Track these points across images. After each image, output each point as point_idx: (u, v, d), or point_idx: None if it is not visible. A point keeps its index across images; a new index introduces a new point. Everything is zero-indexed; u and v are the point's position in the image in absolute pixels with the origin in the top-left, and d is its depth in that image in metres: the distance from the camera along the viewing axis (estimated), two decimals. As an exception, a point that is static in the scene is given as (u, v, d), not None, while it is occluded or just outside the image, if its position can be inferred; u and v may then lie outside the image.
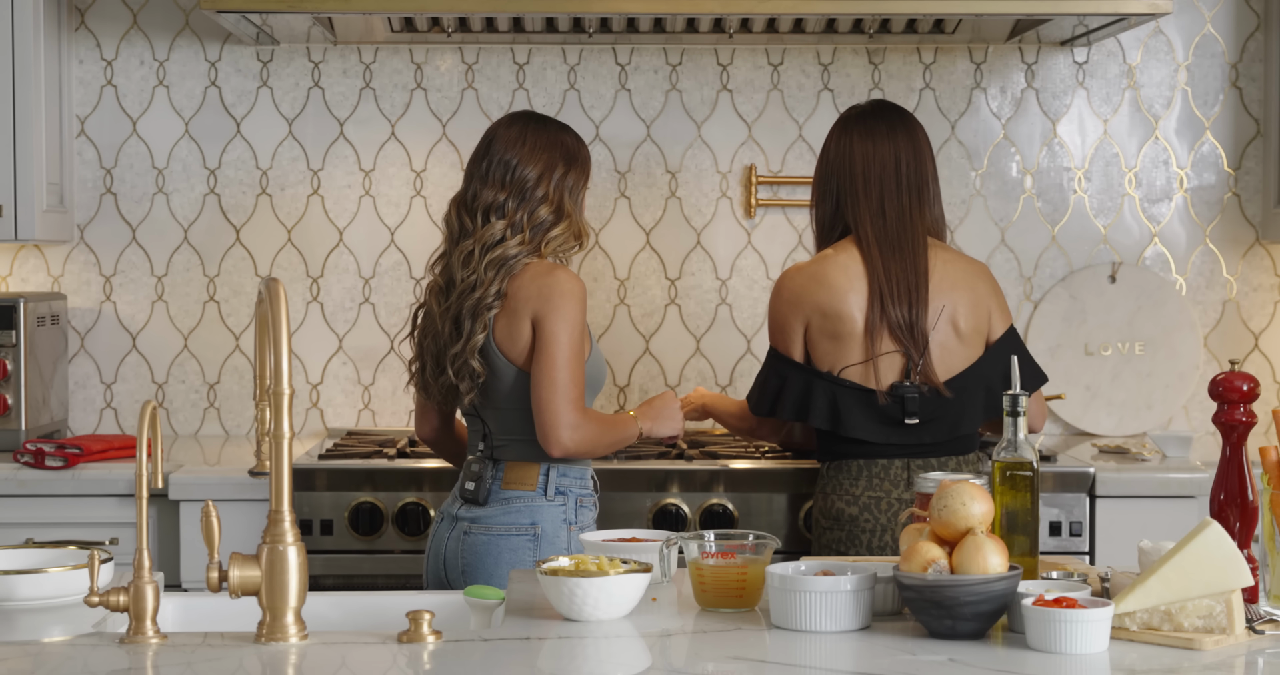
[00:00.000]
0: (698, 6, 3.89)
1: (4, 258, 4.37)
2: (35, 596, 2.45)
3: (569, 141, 3.32)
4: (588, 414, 3.20)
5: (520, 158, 3.27)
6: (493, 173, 3.28)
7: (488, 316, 3.21)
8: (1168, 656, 2.18)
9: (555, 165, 3.28)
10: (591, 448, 3.22)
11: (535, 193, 3.26)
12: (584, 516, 3.28)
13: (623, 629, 2.35)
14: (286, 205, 4.41)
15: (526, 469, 3.24)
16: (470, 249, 3.24)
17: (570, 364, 3.17)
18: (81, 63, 4.37)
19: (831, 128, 3.53)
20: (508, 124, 3.32)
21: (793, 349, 3.48)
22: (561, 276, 3.22)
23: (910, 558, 2.29)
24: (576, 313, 3.20)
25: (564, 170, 3.29)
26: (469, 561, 3.22)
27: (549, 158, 3.29)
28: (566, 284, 3.21)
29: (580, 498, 3.28)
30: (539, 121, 3.33)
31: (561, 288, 3.20)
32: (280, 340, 2.28)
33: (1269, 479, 2.48)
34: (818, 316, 3.43)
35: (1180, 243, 4.46)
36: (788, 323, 3.48)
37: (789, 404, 3.47)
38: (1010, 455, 2.44)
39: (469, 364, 3.22)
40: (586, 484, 3.30)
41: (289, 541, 2.27)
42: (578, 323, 3.20)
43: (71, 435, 4.33)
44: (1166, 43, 4.44)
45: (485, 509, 3.24)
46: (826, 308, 3.42)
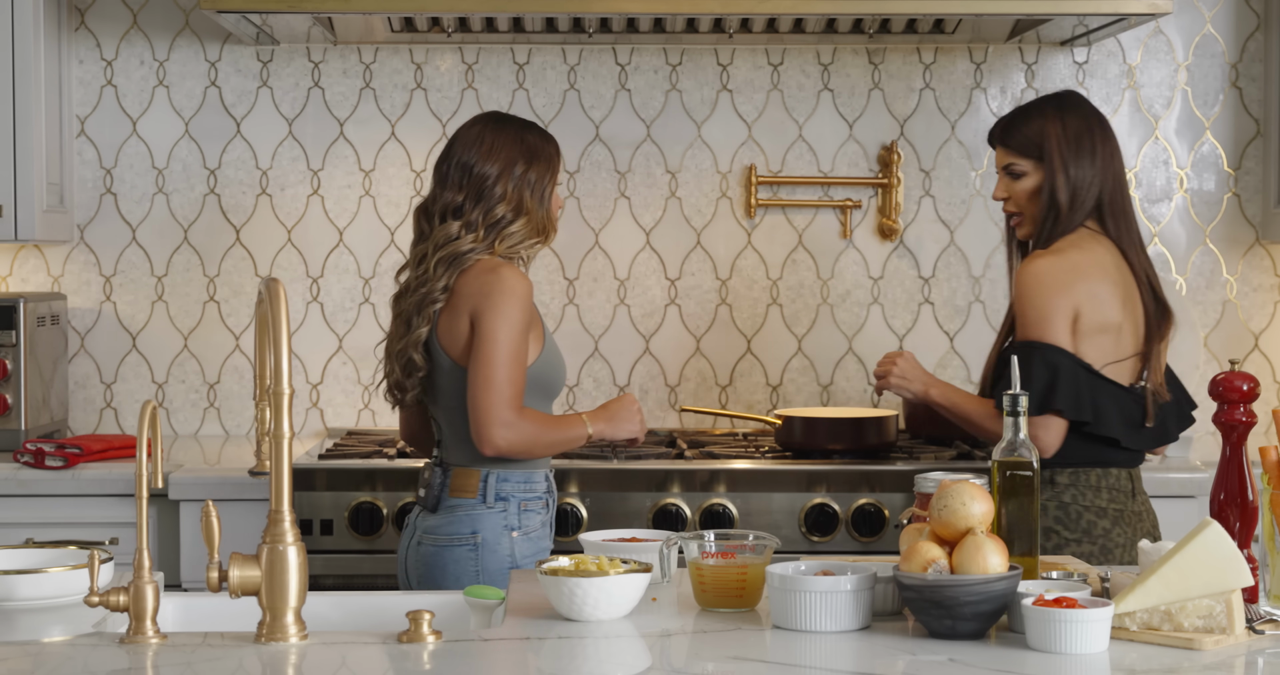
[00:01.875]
0: (698, 6, 3.89)
1: (4, 258, 4.37)
2: (35, 596, 2.45)
3: (530, 138, 3.30)
4: (524, 413, 3.15)
5: (479, 157, 3.26)
6: (451, 175, 3.28)
7: (431, 310, 3.22)
8: (1168, 656, 2.18)
9: (515, 162, 3.26)
10: (528, 448, 3.17)
11: (494, 191, 3.24)
12: (529, 521, 3.23)
13: (623, 629, 2.35)
14: (286, 205, 4.41)
15: (469, 475, 3.22)
16: (424, 250, 3.26)
17: (507, 362, 3.13)
18: (81, 63, 4.37)
19: (1092, 121, 3.38)
20: (469, 126, 3.33)
21: (1063, 340, 3.28)
22: (504, 274, 3.18)
23: (910, 558, 2.29)
24: (515, 310, 3.16)
25: (524, 167, 3.26)
26: (421, 573, 3.22)
27: (508, 155, 3.26)
28: (508, 281, 3.17)
29: (525, 502, 3.23)
30: (499, 121, 3.33)
31: (502, 285, 3.17)
32: (280, 340, 2.28)
33: (1269, 479, 2.48)
34: (1089, 308, 3.29)
35: (1180, 243, 4.46)
36: (1059, 311, 3.28)
37: (1068, 398, 3.26)
38: (1010, 455, 2.44)
39: (411, 357, 3.24)
40: (534, 488, 3.25)
41: (289, 541, 2.27)
42: (516, 321, 3.16)
43: (71, 435, 4.33)
44: (1166, 43, 4.44)
45: (435, 517, 3.23)
46: (1099, 298, 3.30)
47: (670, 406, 4.44)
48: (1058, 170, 3.34)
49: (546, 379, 3.26)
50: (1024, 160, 3.38)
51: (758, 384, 4.44)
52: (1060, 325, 3.27)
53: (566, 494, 3.73)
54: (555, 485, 3.34)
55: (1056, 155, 3.34)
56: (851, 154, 4.44)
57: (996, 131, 3.44)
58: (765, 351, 4.45)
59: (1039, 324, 3.27)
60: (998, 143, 3.45)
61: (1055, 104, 3.40)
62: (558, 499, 3.42)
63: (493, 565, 3.17)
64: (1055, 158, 3.34)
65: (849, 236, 4.44)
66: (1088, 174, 3.34)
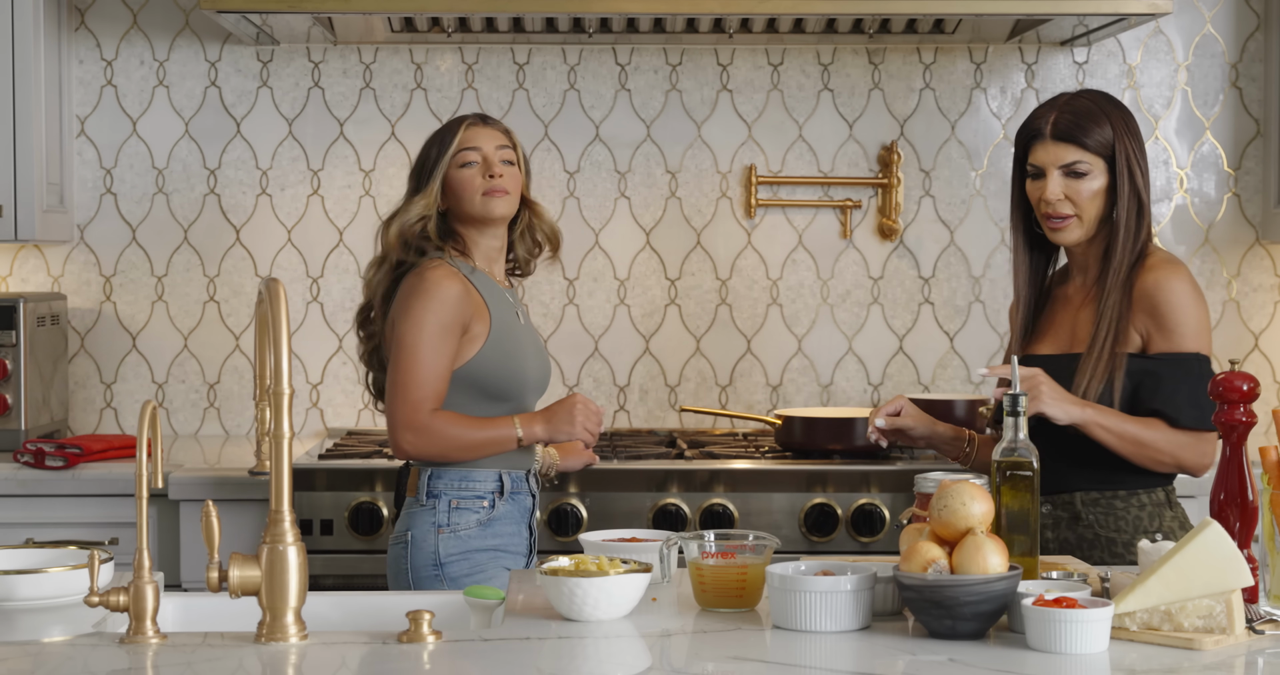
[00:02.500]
0: (698, 6, 3.89)
1: (4, 258, 4.37)
2: (35, 596, 2.44)
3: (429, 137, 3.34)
4: (436, 417, 3.12)
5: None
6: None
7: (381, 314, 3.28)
8: (1168, 656, 2.18)
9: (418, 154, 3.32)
10: (441, 451, 3.15)
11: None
12: (460, 519, 3.19)
13: (623, 629, 2.35)
14: (286, 205, 4.41)
15: (414, 474, 3.23)
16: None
17: (414, 365, 3.12)
18: (81, 63, 4.37)
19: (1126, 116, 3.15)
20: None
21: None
22: (426, 275, 3.18)
23: (910, 558, 2.29)
24: (424, 312, 3.13)
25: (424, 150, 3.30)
26: (389, 576, 3.25)
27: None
28: (421, 284, 3.16)
29: (455, 501, 3.19)
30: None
31: (414, 288, 3.16)
32: (280, 340, 2.28)
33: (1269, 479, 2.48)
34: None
35: (1180, 243, 4.45)
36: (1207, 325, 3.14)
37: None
38: (1010, 455, 2.44)
39: (366, 359, 3.35)
40: (471, 487, 3.20)
41: (289, 541, 2.27)
42: (426, 323, 3.13)
43: (71, 435, 4.33)
44: (1166, 43, 4.44)
45: (399, 519, 3.26)
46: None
47: (670, 406, 4.44)
48: (1136, 171, 3.12)
49: (487, 381, 3.21)
50: (1093, 158, 3.11)
51: (758, 384, 4.44)
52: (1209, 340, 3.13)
53: (566, 494, 3.73)
54: (531, 485, 3.29)
55: (1130, 150, 3.12)
56: (851, 154, 4.44)
57: (1058, 127, 3.12)
58: (765, 351, 4.45)
59: (1198, 336, 3.07)
60: (1062, 139, 3.12)
61: (1110, 102, 3.17)
62: (534, 499, 3.30)
63: (419, 561, 3.17)
64: (1128, 152, 3.12)
65: (849, 236, 4.44)
66: (1148, 168, 3.17)
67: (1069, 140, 3.11)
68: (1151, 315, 3.08)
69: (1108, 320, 3.10)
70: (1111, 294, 3.10)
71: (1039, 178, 3.13)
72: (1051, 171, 3.11)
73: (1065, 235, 3.14)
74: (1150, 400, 3.05)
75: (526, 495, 3.27)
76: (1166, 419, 3.04)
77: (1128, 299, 3.10)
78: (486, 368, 3.20)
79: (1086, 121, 3.11)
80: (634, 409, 4.45)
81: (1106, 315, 3.10)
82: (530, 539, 3.29)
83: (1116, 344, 3.08)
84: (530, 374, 3.27)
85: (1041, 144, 3.12)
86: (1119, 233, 3.11)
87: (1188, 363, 3.06)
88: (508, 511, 3.24)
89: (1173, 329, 3.08)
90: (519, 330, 3.28)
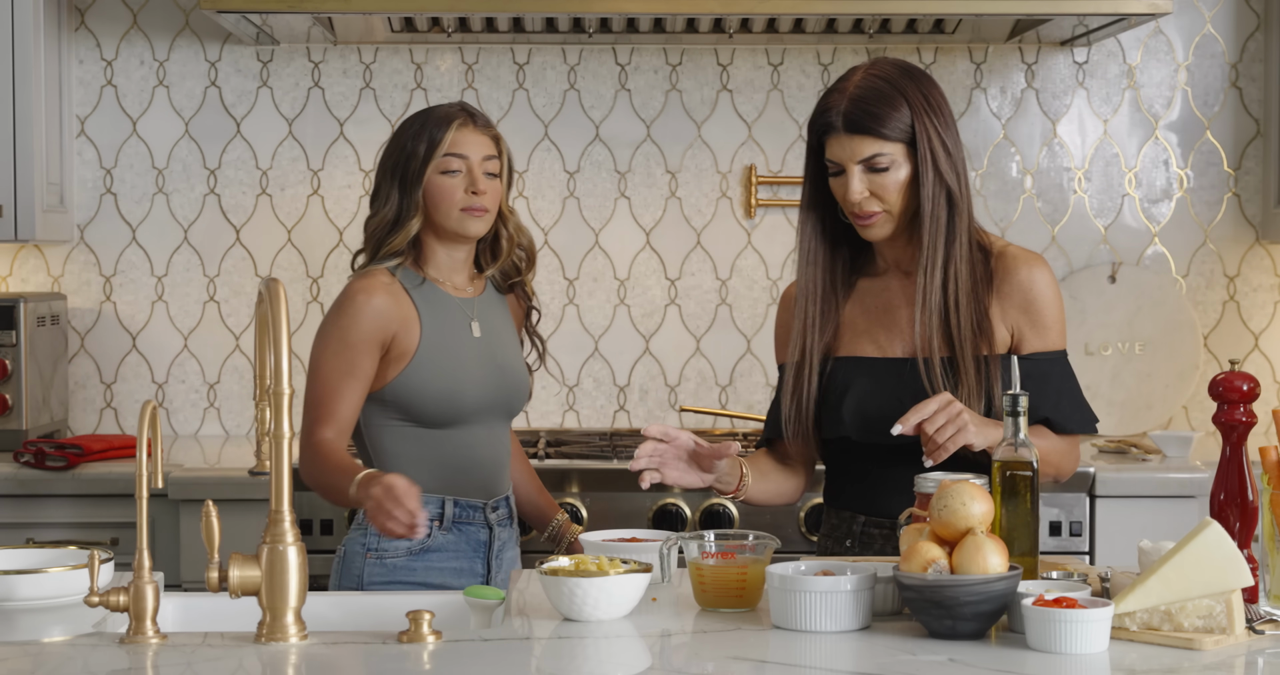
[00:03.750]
0: (698, 6, 3.89)
1: (4, 258, 4.37)
2: (35, 596, 2.45)
3: (408, 121, 3.10)
4: (318, 443, 2.91)
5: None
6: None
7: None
8: (1168, 656, 2.18)
9: (386, 148, 3.10)
10: (307, 479, 2.95)
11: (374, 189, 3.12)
12: (389, 545, 2.99)
13: (623, 629, 2.35)
14: (286, 205, 4.41)
15: None
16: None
17: (314, 384, 2.96)
18: (81, 63, 4.37)
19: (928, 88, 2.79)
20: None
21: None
22: (347, 289, 3.03)
23: (910, 558, 2.29)
24: (334, 328, 2.98)
25: (385, 153, 3.09)
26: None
27: (387, 141, 3.12)
28: (342, 298, 3.01)
29: None
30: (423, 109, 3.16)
31: (337, 302, 3.02)
32: (280, 340, 2.28)
33: (1269, 479, 2.48)
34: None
35: (1180, 243, 4.46)
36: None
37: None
38: (1010, 455, 2.44)
39: None
40: None
41: (289, 541, 2.27)
42: (332, 340, 2.97)
43: (71, 435, 4.33)
44: (1166, 43, 4.44)
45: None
46: None
47: (670, 406, 4.44)
48: (936, 147, 2.76)
49: (410, 404, 3.01)
50: (894, 146, 2.74)
51: (758, 384, 4.44)
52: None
53: (568, 494, 3.72)
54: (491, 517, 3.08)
55: (931, 129, 2.75)
56: (851, 154, 4.43)
57: (849, 118, 2.75)
58: (765, 351, 4.45)
59: (1063, 333, 2.87)
60: (856, 131, 2.75)
61: (907, 74, 2.79)
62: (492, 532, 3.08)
63: (345, 582, 3.01)
64: (930, 132, 2.75)
65: (849, 236, 4.43)
66: (958, 140, 2.80)
67: (864, 132, 2.74)
68: (1026, 312, 2.81)
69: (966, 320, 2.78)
70: (933, 293, 2.77)
71: (839, 174, 2.78)
72: (851, 167, 2.75)
73: (875, 231, 2.80)
74: (1037, 407, 2.76)
75: (481, 528, 3.07)
76: (1052, 425, 2.81)
77: (986, 294, 2.80)
78: (413, 390, 3.00)
79: (880, 106, 2.73)
80: (634, 409, 4.45)
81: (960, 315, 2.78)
82: (487, 576, 3.07)
83: (982, 346, 2.78)
84: (470, 395, 3.03)
85: (835, 138, 2.76)
86: (924, 225, 2.77)
87: (1063, 363, 2.85)
88: (449, 543, 3.04)
89: (1047, 326, 2.83)
90: (463, 345, 3.06)
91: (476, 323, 3.09)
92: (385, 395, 3.01)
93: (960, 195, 2.78)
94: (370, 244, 3.12)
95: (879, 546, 2.82)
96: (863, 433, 2.80)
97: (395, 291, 3.03)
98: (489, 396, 3.06)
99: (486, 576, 3.07)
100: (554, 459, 3.85)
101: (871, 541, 2.84)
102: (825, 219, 2.87)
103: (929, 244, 2.78)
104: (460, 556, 3.05)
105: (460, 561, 3.05)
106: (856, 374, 2.83)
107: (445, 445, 3.05)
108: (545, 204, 4.43)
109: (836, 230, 2.88)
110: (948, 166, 2.76)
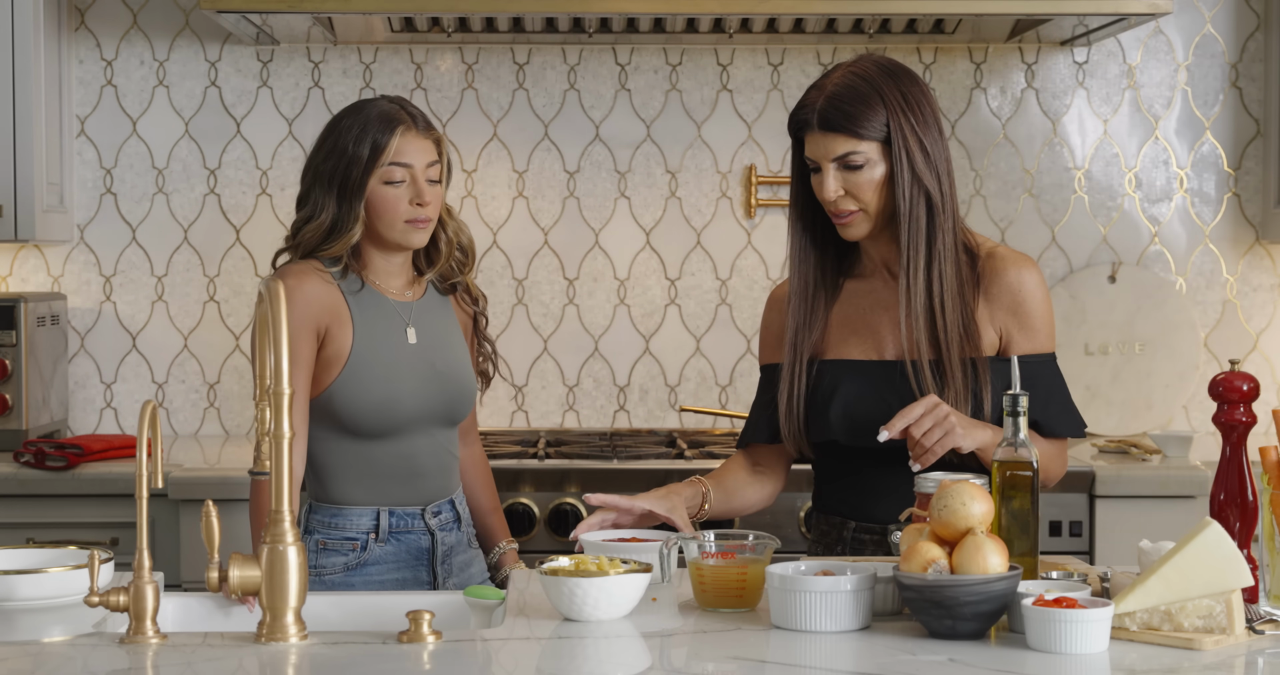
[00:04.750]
0: (698, 6, 3.89)
1: (4, 258, 4.37)
2: (35, 596, 2.44)
3: (348, 122, 2.91)
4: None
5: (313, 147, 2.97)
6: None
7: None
8: (1168, 656, 2.18)
9: (319, 150, 2.92)
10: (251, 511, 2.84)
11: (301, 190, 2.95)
12: (326, 562, 2.89)
13: (623, 629, 2.34)
14: (286, 205, 4.41)
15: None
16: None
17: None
18: (81, 63, 4.37)
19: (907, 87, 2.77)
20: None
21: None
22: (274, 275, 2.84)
23: (910, 558, 2.29)
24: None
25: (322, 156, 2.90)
26: None
27: (319, 140, 2.93)
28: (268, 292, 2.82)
29: (324, 540, 2.90)
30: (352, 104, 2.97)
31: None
32: (280, 340, 2.28)
33: (1269, 479, 2.48)
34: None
35: (1180, 243, 4.46)
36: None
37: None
38: (1010, 455, 2.44)
39: None
40: (341, 526, 2.91)
41: (289, 541, 2.27)
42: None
43: (71, 435, 4.33)
44: (1166, 43, 4.44)
45: None
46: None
47: (670, 406, 4.44)
48: (911, 145, 2.74)
49: (343, 415, 2.87)
50: (869, 145, 2.73)
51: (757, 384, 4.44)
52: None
53: (567, 494, 3.73)
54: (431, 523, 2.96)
55: (906, 127, 2.74)
56: (851, 154, 4.43)
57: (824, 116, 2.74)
58: (765, 351, 4.44)
59: (1052, 336, 2.83)
60: (830, 129, 2.74)
61: (887, 73, 2.77)
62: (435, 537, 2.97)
63: None
64: (904, 131, 2.73)
65: (849, 236, 4.43)
66: (939, 139, 2.77)
67: (837, 130, 2.73)
68: (1015, 314, 2.79)
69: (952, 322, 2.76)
70: (918, 295, 2.75)
71: (818, 172, 2.76)
72: (826, 165, 2.74)
73: (852, 231, 2.78)
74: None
75: (422, 534, 2.96)
76: (1040, 429, 2.79)
77: (973, 296, 2.78)
78: (346, 399, 2.87)
79: (855, 104, 2.72)
80: (634, 409, 4.45)
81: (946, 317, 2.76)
82: (434, 582, 2.96)
83: (969, 348, 2.76)
84: (405, 404, 2.90)
85: (811, 135, 2.76)
86: (902, 226, 2.74)
87: (1052, 366, 2.81)
88: (388, 554, 2.93)
89: (1036, 329, 2.80)
90: (397, 351, 2.92)
91: (413, 328, 2.96)
92: (318, 406, 2.88)
93: (941, 196, 2.75)
94: (299, 250, 2.94)
95: (870, 552, 2.81)
96: (851, 436, 2.79)
97: (328, 285, 2.89)
98: (425, 407, 2.93)
99: (433, 583, 2.95)
100: (554, 459, 3.85)
101: (862, 547, 2.83)
102: (813, 218, 2.85)
103: (908, 244, 2.75)
104: (401, 567, 2.94)
105: (401, 572, 2.94)
106: (844, 377, 2.81)
107: (381, 455, 2.92)
108: (545, 204, 4.43)
109: (826, 230, 2.85)
110: (925, 167, 2.74)
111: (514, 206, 4.42)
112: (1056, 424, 2.80)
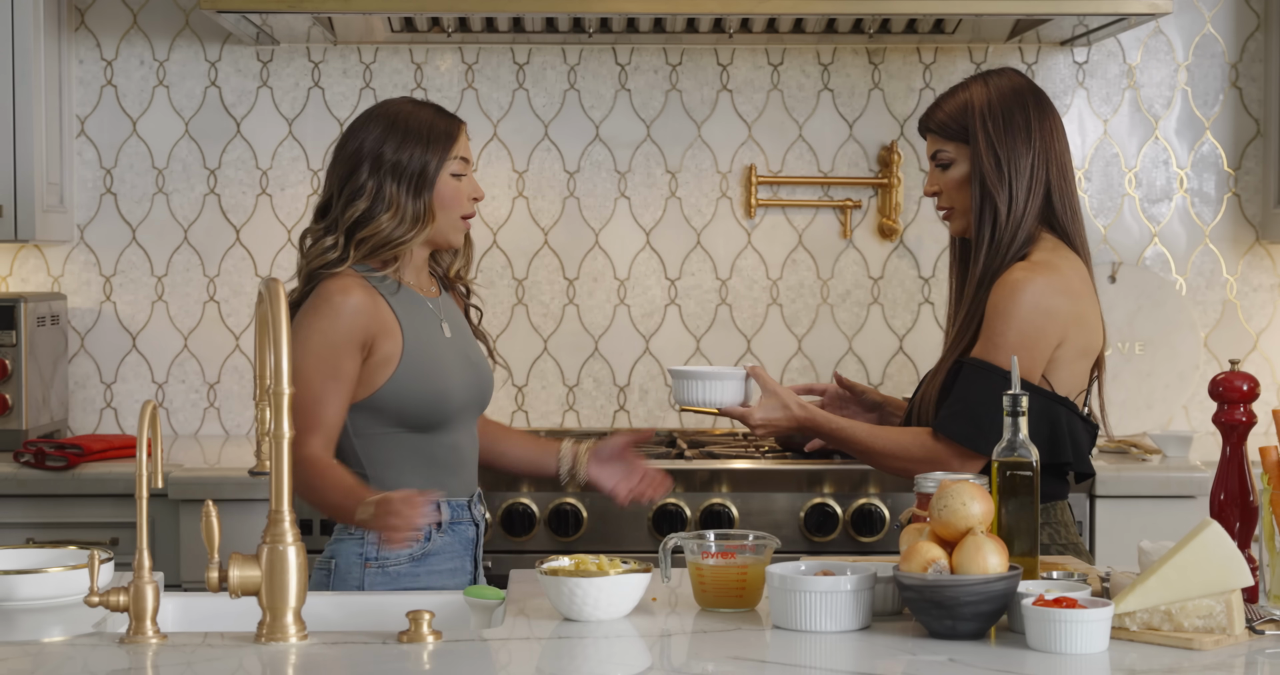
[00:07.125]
0: (698, 6, 3.89)
1: (4, 258, 4.37)
2: (35, 596, 2.44)
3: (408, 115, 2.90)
4: (307, 459, 2.75)
5: (345, 141, 2.92)
6: (328, 172, 2.96)
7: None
8: (1168, 656, 2.18)
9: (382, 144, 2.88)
10: (301, 493, 2.75)
11: (356, 181, 2.89)
12: (390, 553, 2.88)
13: (623, 629, 2.35)
14: (286, 205, 4.41)
15: None
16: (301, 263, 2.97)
17: (302, 392, 2.69)
18: (81, 63, 4.37)
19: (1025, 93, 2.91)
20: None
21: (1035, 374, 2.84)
22: (320, 290, 2.86)
23: (910, 558, 2.29)
24: (310, 332, 2.82)
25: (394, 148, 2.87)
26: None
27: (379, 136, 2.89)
28: (317, 300, 2.85)
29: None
30: (387, 102, 2.96)
31: (310, 305, 2.85)
32: (280, 340, 2.28)
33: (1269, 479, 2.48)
34: (1075, 331, 2.88)
35: (1180, 243, 4.46)
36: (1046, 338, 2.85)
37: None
38: (1010, 455, 2.44)
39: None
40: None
41: (289, 541, 2.27)
42: (309, 342, 2.80)
43: (71, 435, 4.33)
44: (1166, 43, 4.44)
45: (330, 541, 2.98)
46: (1086, 322, 2.90)
47: (670, 406, 4.44)
48: (984, 151, 2.87)
49: (403, 410, 2.90)
50: (955, 146, 2.93)
51: (758, 384, 4.44)
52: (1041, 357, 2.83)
53: (567, 494, 3.72)
54: (474, 513, 3.00)
55: (981, 133, 2.88)
56: (851, 154, 4.44)
57: (926, 117, 2.99)
58: (765, 351, 4.45)
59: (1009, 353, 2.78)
60: (927, 129, 2.99)
61: (982, 78, 2.95)
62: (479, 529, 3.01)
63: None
64: (980, 136, 2.88)
65: (849, 236, 4.44)
66: (1023, 156, 2.87)
67: (930, 130, 2.98)
68: (985, 323, 2.85)
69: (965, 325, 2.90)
70: (968, 299, 2.89)
71: None
72: (929, 162, 3.00)
73: (950, 227, 3.00)
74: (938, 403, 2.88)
75: (469, 525, 2.99)
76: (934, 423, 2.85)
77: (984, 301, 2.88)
78: (401, 396, 2.89)
79: (948, 107, 2.93)
80: (634, 409, 4.45)
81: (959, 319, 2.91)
82: (474, 572, 3.00)
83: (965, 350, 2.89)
84: (455, 396, 2.95)
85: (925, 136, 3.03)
86: (972, 226, 2.91)
87: (988, 375, 2.79)
88: (446, 545, 2.96)
89: (995, 343, 2.81)
90: (440, 346, 2.96)
91: (446, 323, 3.00)
92: (374, 403, 2.90)
93: (1005, 210, 2.87)
94: (362, 248, 2.92)
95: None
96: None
97: (370, 292, 2.89)
98: (469, 396, 2.99)
99: (474, 575, 2.99)
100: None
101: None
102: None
103: (974, 248, 2.91)
104: (453, 557, 2.98)
105: (454, 561, 2.98)
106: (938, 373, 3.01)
107: (434, 448, 2.96)
108: (545, 204, 4.43)
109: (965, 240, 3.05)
110: (995, 177, 2.88)
111: (514, 206, 4.42)
112: (945, 421, 2.84)
